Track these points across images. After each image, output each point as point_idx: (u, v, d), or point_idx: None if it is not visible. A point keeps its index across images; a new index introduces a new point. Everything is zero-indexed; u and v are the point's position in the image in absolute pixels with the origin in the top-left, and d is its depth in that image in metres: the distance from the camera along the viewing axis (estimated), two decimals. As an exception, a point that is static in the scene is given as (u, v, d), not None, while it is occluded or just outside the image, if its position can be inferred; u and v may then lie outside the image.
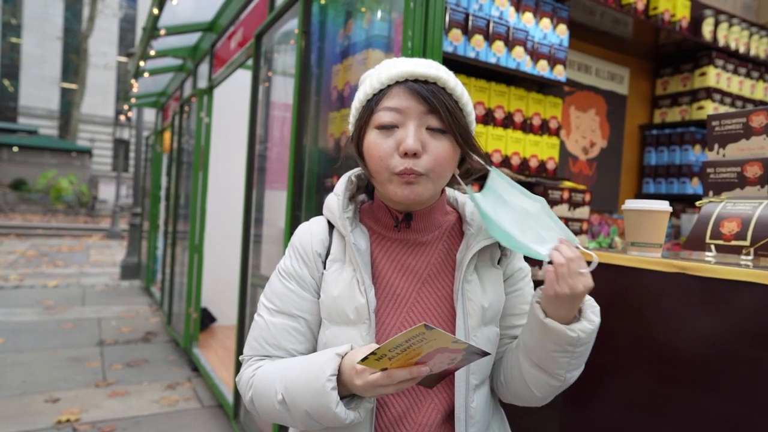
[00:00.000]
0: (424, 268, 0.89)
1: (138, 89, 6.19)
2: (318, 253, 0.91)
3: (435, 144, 0.81)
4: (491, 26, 2.09)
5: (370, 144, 0.83)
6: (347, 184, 0.91)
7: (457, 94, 0.84)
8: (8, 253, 10.40)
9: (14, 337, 4.67)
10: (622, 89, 3.12)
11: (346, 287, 0.86)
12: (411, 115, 0.81)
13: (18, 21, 30.30)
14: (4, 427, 2.96)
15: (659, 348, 1.00)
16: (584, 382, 1.03)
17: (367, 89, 0.85)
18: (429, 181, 0.83)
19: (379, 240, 0.91)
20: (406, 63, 0.83)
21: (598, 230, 2.58)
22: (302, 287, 0.90)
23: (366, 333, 0.84)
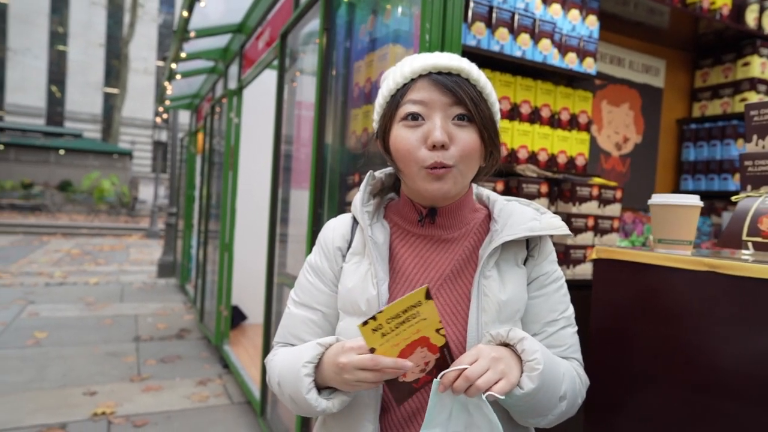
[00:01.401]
0: (447, 265, 0.88)
1: (172, 92, 6.34)
2: (338, 247, 0.93)
3: (462, 134, 0.81)
4: (516, 19, 2.03)
5: (397, 138, 0.83)
6: (369, 179, 0.93)
7: (481, 84, 0.84)
8: (54, 252, 10.85)
9: (57, 332, 4.85)
10: (658, 82, 2.99)
11: (360, 279, 0.87)
12: (436, 107, 0.81)
13: (65, 30, 31.60)
14: (46, 417, 3.08)
15: (690, 353, 0.94)
16: (608, 391, 0.98)
17: (390, 84, 0.85)
18: (458, 173, 0.82)
19: (403, 235, 0.91)
20: (428, 56, 0.83)
21: (632, 228, 2.48)
22: (322, 281, 0.93)
23: None
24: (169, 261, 8.30)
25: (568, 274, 2.00)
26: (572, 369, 0.87)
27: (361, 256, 0.90)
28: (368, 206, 0.91)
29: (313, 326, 0.92)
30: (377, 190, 0.95)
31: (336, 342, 0.83)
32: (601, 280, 1.10)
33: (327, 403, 0.81)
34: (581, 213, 2.02)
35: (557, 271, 0.93)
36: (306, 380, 0.80)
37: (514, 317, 0.86)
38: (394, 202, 0.95)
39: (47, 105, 31.23)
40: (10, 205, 20.79)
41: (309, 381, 0.81)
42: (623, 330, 1.03)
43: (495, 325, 0.83)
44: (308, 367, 0.81)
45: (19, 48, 30.30)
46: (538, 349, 0.77)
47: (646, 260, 1.00)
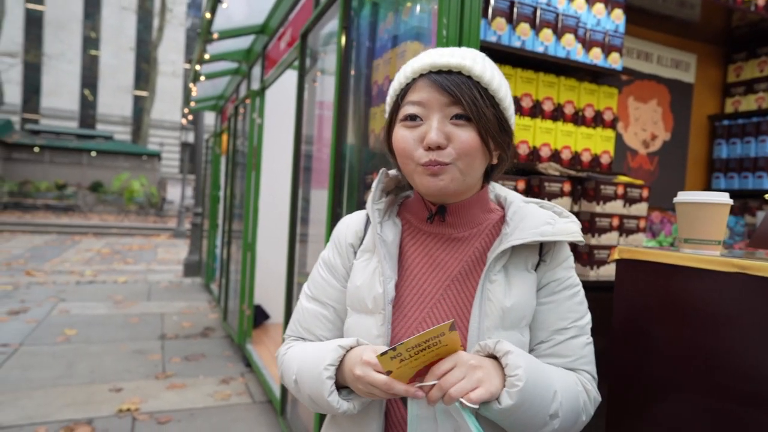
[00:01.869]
0: (456, 265, 0.86)
1: (197, 93, 6.44)
2: (351, 243, 0.94)
3: (460, 134, 0.80)
4: (538, 13, 1.99)
5: (397, 138, 0.84)
6: (381, 177, 0.93)
7: (485, 80, 0.81)
8: (86, 251, 11.15)
9: (86, 329, 4.97)
10: (688, 77, 2.89)
11: (369, 277, 0.87)
12: (434, 107, 0.80)
13: (97, 35, 32.49)
14: (73, 412, 3.15)
15: (719, 359, 0.89)
16: (630, 396, 0.93)
17: (395, 84, 0.86)
18: (456, 171, 0.81)
19: (414, 233, 0.91)
20: (428, 55, 0.83)
21: (659, 228, 2.40)
22: (334, 277, 0.94)
23: (381, 323, 0.84)
24: (195, 260, 8.43)
25: (592, 275, 1.94)
26: (574, 385, 0.82)
27: (371, 254, 0.90)
28: (379, 204, 0.92)
29: (324, 321, 0.92)
30: (390, 188, 0.95)
31: (356, 345, 0.82)
32: (624, 281, 1.06)
33: (348, 405, 0.81)
34: (605, 212, 1.96)
35: (572, 278, 0.88)
36: (328, 383, 0.80)
37: (520, 324, 0.83)
38: (409, 200, 0.95)
39: (80, 108, 32.15)
40: (45, 206, 21.47)
41: (331, 383, 0.80)
42: (647, 333, 0.98)
43: (498, 331, 0.81)
44: (330, 370, 0.81)
45: (54, 53, 31.28)
46: (522, 365, 0.73)
47: (671, 261, 0.95)
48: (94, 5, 32.38)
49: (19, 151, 24.42)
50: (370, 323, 0.85)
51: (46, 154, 24.81)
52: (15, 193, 21.85)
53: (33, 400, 3.28)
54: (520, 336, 0.83)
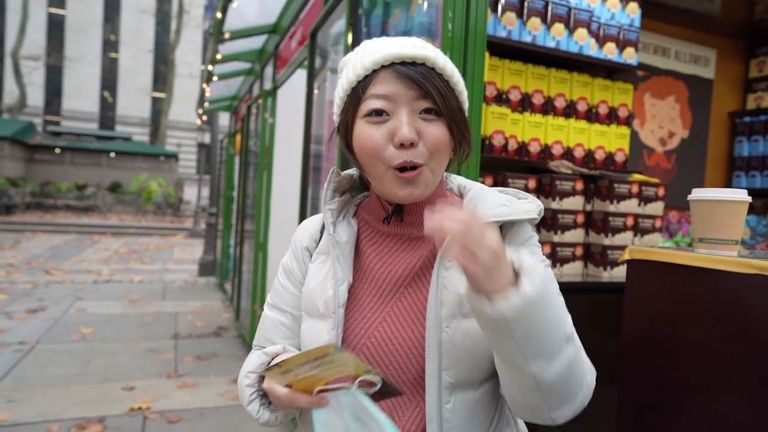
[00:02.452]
0: (414, 264, 0.82)
1: (212, 94, 6.47)
2: (306, 247, 0.90)
3: (430, 129, 0.75)
4: (550, 7, 1.94)
5: (361, 135, 0.77)
6: (332, 176, 0.88)
7: (447, 73, 0.77)
8: (104, 250, 11.31)
9: (102, 328, 5.02)
10: (708, 73, 2.81)
11: (321, 280, 0.83)
12: (402, 101, 0.75)
13: (116, 37, 33.03)
14: (86, 410, 3.17)
15: (735, 363, 0.84)
16: (642, 402, 0.89)
17: (350, 75, 0.78)
18: (429, 173, 0.77)
19: (372, 234, 0.87)
20: (390, 44, 0.76)
21: (677, 228, 2.33)
22: (291, 282, 0.90)
23: (331, 327, 0.79)
24: (210, 260, 8.49)
25: (605, 276, 1.89)
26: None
27: (326, 256, 0.86)
28: (331, 204, 0.87)
29: (283, 329, 0.89)
30: (344, 187, 0.90)
31: (282, 351, 0.81)
32: (635, 282, 1.01)
33: (269, 415, 0.78)
34: (619, 212, 1.90)
35: (537, 255, 0.81)
36: (247, 391, 0.78)
37: None
38: (366, 200, 0.90)
39: (100, 110, 32.71)
40: (66, 206, 21.87)
41: (251, 392, 0.78)
42: (658, 336, 0.94)
43: (457, 318, 0.75)
44: (250, 377, 0.78)
45: (75, 56, 31.87)
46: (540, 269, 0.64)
47: (685, 261, 0.91)
48: (114, 8, 32.92)
49: (41, 153, 24.94)
50: (322, 328, 0.81)
51: (67, 156, 25.29)
52: (37, 193, 22.31)
53: (47, 398, 3.31)
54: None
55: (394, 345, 0.78)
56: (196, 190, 21.74)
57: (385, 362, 0.78)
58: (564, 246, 1.90)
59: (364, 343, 0.79)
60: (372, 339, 0.79)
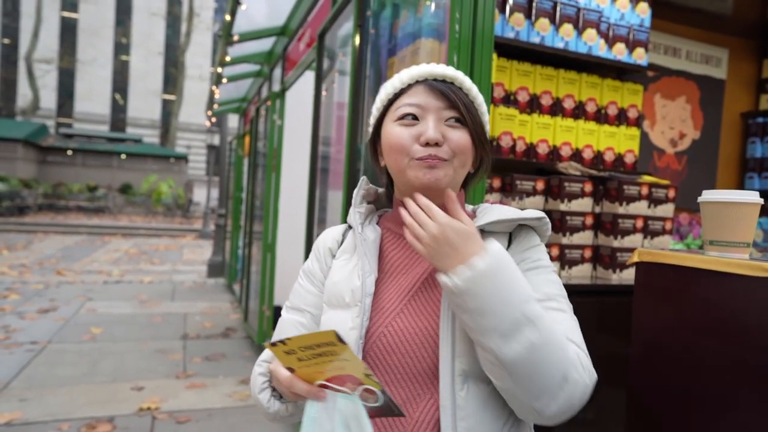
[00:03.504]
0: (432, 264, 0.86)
1: (221, 96, 6.51)
2: (329, 248, 0.96)
3: (455, 133, 0.83)
4: (558, 8, 1.93)
5: (391, 134, 0.85)
6: (362, 183, 0.96)
7: (473, 94, 0.88)
8: (114, 251, 11.41)
9: (111, 328, 5.06)
10: (720, 73, 2.77)
11: (348, 273, 0.89)
12: (431, 109, 0.84)
13: (127, 40, 33.34)
14: (96, 410, 3.20)
15: (745, 368, 0.83)
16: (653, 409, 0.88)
17: (388, 89, 0.89)
18: (450, 167, 0.83)
19: (394, 238, 0.93)
20: (425, 65, 0.88)
21: (687, 230, 2.30)
22: (312, 282, 0.95)
23: (357, 315, 0.84)
24: (218, 261, 8.53)
25: (615, 278, 1.87)
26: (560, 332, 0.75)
27: (351, 254, 0.92)
28: (360, 207, 0.95)
29: (300, 328, 0.92)
30: (371, 198, 0.98)
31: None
32: (644, 285, 1.00)
33: (279, 405, 0.81)
34: (629, 213, 1.88)
35: (543, 259, 0.86)
36: (260, 379, 0.81)
37: None
38: (388, 213, 0.98)
39: (111, 112, 33.02)
40: (77, 207, 22.09)
41: (263, 380, 0.81)
42: (668, 341, 0.92)
43: None
44: (263, 366, 0.82)
45: (87, 59, 32.21)
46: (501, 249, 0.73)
47: (695, 264, 0.89)
48: (125, 12, 33.24)
49: (53, 154, 25.22)
50: (346, 316, 0.85)
51: (79, 157, 25.55)
52: (49, 194, 22.55)
53: (57, 397, 3.34)
54: None
55: (410, 334, 0.82)
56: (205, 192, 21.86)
57: (401, 351, 0.82)
58: (572, 248, 1.88)
59: (381, 332, 0.83)
60: (389, 328, 0.83)
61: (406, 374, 0.81)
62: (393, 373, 0.82)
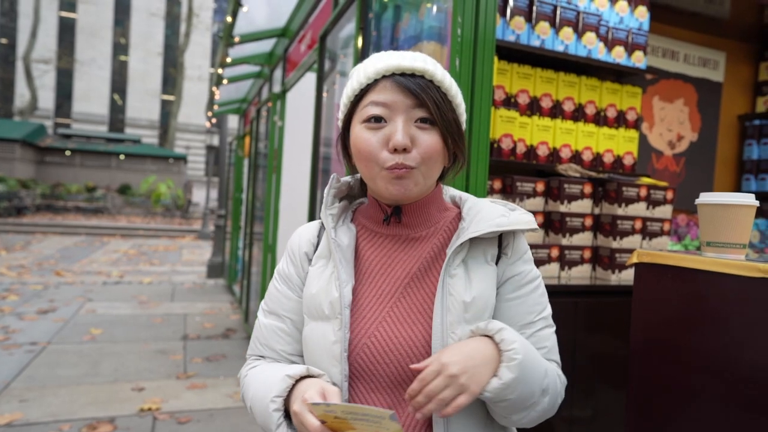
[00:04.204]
0: (414, 264, 0.86)
1: (221, 97, 6.52)
2: (305, 252, 0.92)
3: (424, 137, 0.80)
4: (558, 12, 1.95)
5: (358, 139, 0.82)
6: (332, 182, 0.92)
7: (445, 86, 0.82)
8: (113, 252, 11.40)
9: (111, 329, 5.07)
10: (717, 76, 2.80)
11: (325, 283, 0.86)
12: (399, 109, 0.79)
13: (126, 41, 33.33)
14: (96, 410, 3.21)
15: (741, 367, 0.85)
16: (651, 405, 0.90)
17: (354, 84, 0.84)
18: (419, 175, 0.81)
19: (371, 236, 0.90)
20: (392, 56, 0.82)
21: (685, 231, 2.32)
22: (289, 288, 0.92)
23: (338, 328, 0.82)
24: (218, 262, 8.54)
25: (614, 279, 1.89)
26: (553, 369, 0.83)
27: (327, 260, 0.88)
28: (332, 209, 0.91)
29: (282, 335, 0.90)
30: (343, 193, 0.94)
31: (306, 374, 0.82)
32: (643, 285, 1.02)
33: None
34: (628, 215, 1.90)
35: (533, 270, 0.88)
36: (275, 415, 0.80)
37: (482, 316, 0.82)
38: (363, 206, 0.94)
39: (110, 112, 33.00)
40: (76, 208, 22.06)
41: (278, 416, 0.80)
42: (667, 339, 0.95)
43: (461, 325, 0.80)
44: (277, 402, 0.80)
45: (86, 59, 32.19)
46: (516, 339, 0.76)
47: (692, 265, 0.91)
48: (124, 12, 33.23)
49: (51, 155, 25.19)
50: (327, 329, 0.83)
51: (77, 158, 25.53)
52: (47, 195, 22.52)
53: (58, 398, 3.35)
54: None
55: (395, 343, 0.81)
56: (204, 192, 21.87)
57: (385, 360, 0.81)
58: (572, 249, 1.90)
59: (365, 343, 0.82)
60: (372, 338, 0.82)
61: (392, 382, 0.81)
62: (378, 382, 0.82)
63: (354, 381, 0.83)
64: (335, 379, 0.82)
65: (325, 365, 0.83)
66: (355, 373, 0.83)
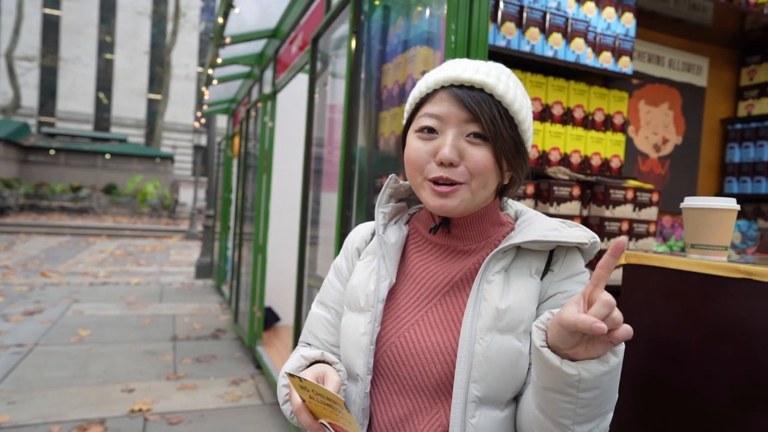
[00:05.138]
0: (456, 273, 0.84)
1: (210, 97, 6.50)
2: (357, 247, 0.95)
3: (474, 152, 0.77)
4: (548, 18, 1.99)
5: (409, 148, 0.83)
6: (390, 182, 0.92)
7: (507, 101, 0.78)
8: (99, 252, 11.29)
9: (99, 330, 5.04)
10: (700, 81, 2.87)
11: (366, 276, 0.88)
12: (451, 122, 0.78)
13: (112, 39, 32.95)
14: (86, 412, 3.19)
15: (725, 364, 0.89)
16: (640, 404, 0.94)
17: (415, 92, 0.85)
18: (467, 191, 0.79)
19: (420, 242, 0.90)
20: (453, 67, 0.80)
21: (670, 233, 2.38)
22: (339, 280, 0.95)
23: (369, 321, 0.84)
24: (207, 262, 8.50)
25: (602, 279, 1.94)
26: None
27: (374, 256, 0.90)
28: (385, 207, 0.92)
29: (327, 324, 0.94)
30: (402, 195, 0.95)
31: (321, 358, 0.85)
32: (631, 286, 1.06)
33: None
34: (615, 217, 1.95)
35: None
36: (283, 391, 0.83)
37: (517, 329, 0.77)
38: (420, 211, 0.93)
39: (95, 111, 32.61)
40: (60, 208, 21.77)
41: (285, 392, 0.83)
42: (655, 340, 0.99)
43: (492, 333, 0.76)
44: (286, 378, 0.81)
45: (70, 57, 31.78)
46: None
47: (677, 266, 0.95)
48: (110, 10, 32.86)
49: (35, 154, 24.81)
50: (360, 320, 0.85)
51: (62, 157, 25.18)
52: (31, 195, 22.19)
53: (47, 400, 3.33)
54: (516, 342, 0.77)
55: (423, 347, 0.80)
56: (191, 192, 21.70)
57: (411, 363, 0.80)
58: (561, 250, 1.94)
59: (393, 342, 0.82)
60: (402, 339, 0.82)
61: (415, 386, 0.80)
62: (401, 384, 0.81)
63: (378, 379, 0.84)
64: (359, 370, 0.82)
65: (352, 355, 0.84)
66: (380, 370, 0.83)
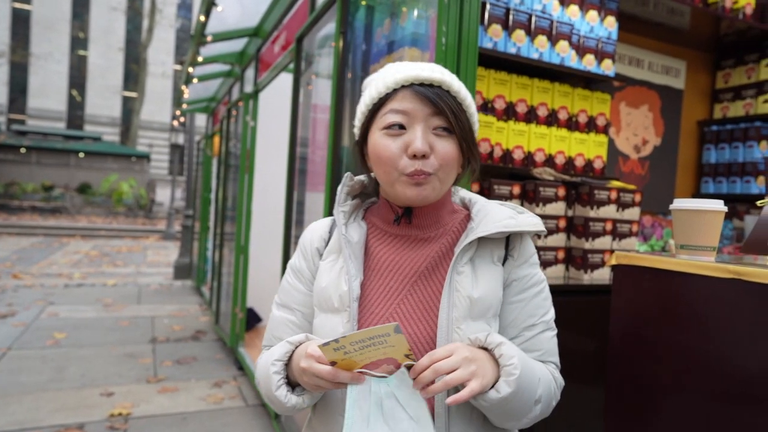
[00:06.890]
0: (422, 262, 0.89)
1: (189, 95, 6.40)
2: (316, 248, 0.96)
3: (442, 144, 0.84)
4: (533, 20, 2.02)
5: (378, 146, 0.85)
6: (346, 180, 0.96)
7: (461, 96, 0.87)
8: (74, 253, 11.03)
9: (76, 333, 4.92)
10: (678, 83, 2.94)
11: (335, 277, 0.89)
12: (418, 117, 0.83)
13: (85, 35, 32.20)
14: (64, 417, 3.12)
15: (713, 362, 0.91)
16: (628, 400, 0.95)
17: (372, 93, 0.87)
18: (437, 181, 0.85)
19: (381, 235, 0.93)
20: (411, 67, 0.86)
21: (651, 232, 2.44)
22: (300, 281, 0.96)
23: (346, 321, 0.86)
24: (186, 263, 8.37)
25: (586, 279, 1.97)
26: (548, 373, 0.87)
27: (337, 255, 0.92)
28: (344, 206, 0.94)
29: (292, 326, 0.95)
30: (356, 192, 0.98)
31: (306, 340, 0.86)
32: (621, 286, 1.08)
33: (297, 399, 0.85)
34: (599, 217, 1.99)
35: (538, 274, 0.92)
36: (275, 378, 0.84)
37: (487, 314, 0.85)
38: (374, 206, 0.98)
39: (68, 109, 31.83)
40: (32, 207, 21.20)
41: (278, 378, 0.84)
42: (644, 338, 1.01)
43: (466, 321, 0.83)
44: (277, 365, 0.85)
45: (42, 53, 30.94)
46: (515, 354, 0.78)
47: (667, 266, 0.98)
48: (83, 5, 32.10)
49: (4, 152, 24.09)
50: (336, 321, 0.87)
51: (33, 155, 24.50)
52: (1, 194, 21.56)
53: (23, 405, 3.24)
54: (487, 326, 0.85)
55: None
56: (168, 192, 21.36)
57: None
58: (547, 250, 1.97)
59: None
60: None
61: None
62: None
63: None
64: None
65: None
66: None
